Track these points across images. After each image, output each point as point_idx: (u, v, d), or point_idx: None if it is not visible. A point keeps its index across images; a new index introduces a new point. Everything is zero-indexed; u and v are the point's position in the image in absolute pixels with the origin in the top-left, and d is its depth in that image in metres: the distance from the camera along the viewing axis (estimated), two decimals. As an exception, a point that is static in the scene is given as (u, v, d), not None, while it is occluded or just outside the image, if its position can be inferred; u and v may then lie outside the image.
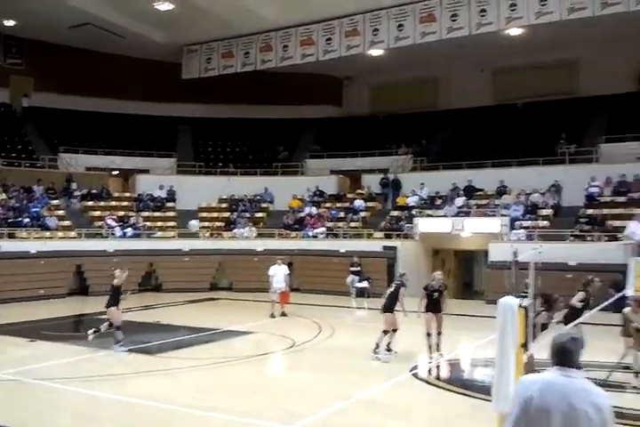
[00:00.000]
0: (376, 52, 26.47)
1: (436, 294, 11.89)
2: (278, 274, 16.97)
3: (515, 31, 24.54)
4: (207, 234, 25.04)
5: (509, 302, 5.82)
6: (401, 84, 31.55)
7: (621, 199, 21.64)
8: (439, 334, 11.83)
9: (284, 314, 16.90)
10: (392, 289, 12.01)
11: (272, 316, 16.70)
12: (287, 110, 31.25)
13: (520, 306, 5.99)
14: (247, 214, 26.51)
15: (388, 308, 11.70)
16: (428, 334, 11.70)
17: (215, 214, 26.92)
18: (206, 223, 25.91)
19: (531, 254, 8.21)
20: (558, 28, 22.30)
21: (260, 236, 24.83)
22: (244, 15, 24.91)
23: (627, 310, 10.42)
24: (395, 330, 11.67)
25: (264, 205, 27.68)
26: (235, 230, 25.17)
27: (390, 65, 29.03)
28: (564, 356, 3.48)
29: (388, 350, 11.74)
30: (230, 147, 31.84)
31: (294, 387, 9.85)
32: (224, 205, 27.54)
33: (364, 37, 24.83)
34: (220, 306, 20.17)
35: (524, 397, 3.50)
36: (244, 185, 28.08)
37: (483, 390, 8.13)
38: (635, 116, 25.54)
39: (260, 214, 26.99)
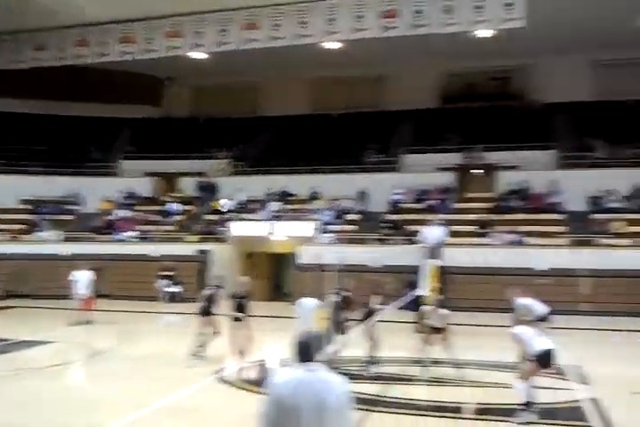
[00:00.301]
0: (198, 54, 26.32)
1: (241, 300, 11.41)
2: (81, 280, 16.26)
3: (332, 44, 25.63)
4: (6, 237, 23.34)
5: (308, 301, 6.10)
6: (222, 88, 31.70)
7: (420, 206, 23.42)
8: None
9: (88, 322, 16.20)
10: (209, 292, 11.90)
11: (74, 323, 15.92)
12: (103, 109, 30.04)
13: (320, 306, 6.28)
14: (52, 217, 25.04)
15: (206, 311, 11.62)
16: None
17: (15, 217, 25.14)
18: (4, 226, 24.10)
19: (334, 257, 8.67)
20: (371, 43, 23.60)
21: (67, 240, 23.59)
22: (60, 6, 23.54)
23: (426, 307, 11.13)
24: (216, 333, 11.62)
25: (72, 207, 26.31)
26: (37, 234, 23.70)
27: (213, 68, 28.96)
28: (305, 352, 3.72)
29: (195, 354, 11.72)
30: (35, 145, 29.82)
31: (91, 398, 9.46)
32: (27, 207, 25.82)
33: (185, 39, 24.53)
34: (15, 315, 18.88)
35: (275, 396, 3.64)
36: (51, 186, 26.51)
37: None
38: (435, 129, 27.88)
39: (67, 217, 25.62)
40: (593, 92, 27.99)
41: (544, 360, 8.00)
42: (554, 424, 8.02)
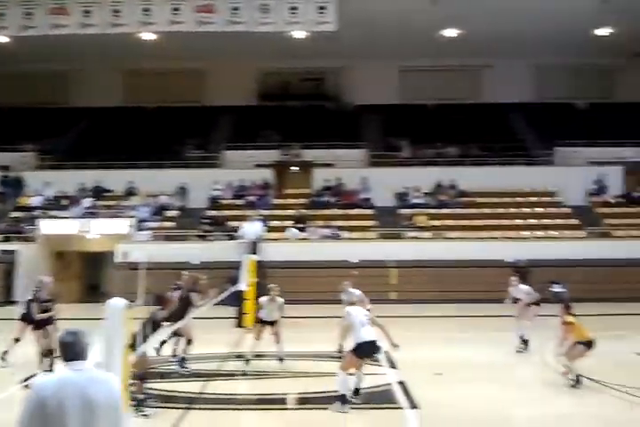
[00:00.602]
0: (2, 38, 24.32)
1: (44, 303, 10.36)
2: None
3: (148, 35, 24.94)
4: None
5: (117, 302, 5.97)
6: (29, 76, 29.50)
7: (240, 202, 23.69)
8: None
9: None
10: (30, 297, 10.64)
11: None
12: None
13: (129, 306, 6.17)
14: None
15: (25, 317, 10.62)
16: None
17: None
18: None
19: (143, 255, 8.53)
20: (188, 37, 23.34)
21: None
22: None
23: (263, 299, 11.21)
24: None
25: None
26: None
27: (17, 54, 26.85)
28: (69, 351, 3.59)
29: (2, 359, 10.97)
30: None
31: None
32: None
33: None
34: None
35: (35, 401, 3.42)
36: None
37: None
38: (253, 126, 28.28)
39: None
40: (399, 95, 30.05)
41: (364, 351, 8.36)
42: (368, 408, 8.59)
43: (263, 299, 11.25)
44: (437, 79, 29.79)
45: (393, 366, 10.89)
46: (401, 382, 9.61)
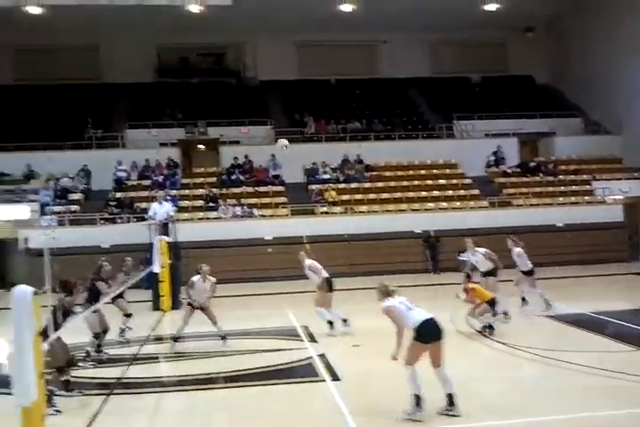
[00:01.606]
0: None
1: None
2: None
3: (34, 9, 23.66)
4: None
5: (23, 290, 5.83)
6: None
7: (147, 183, 23.21)
8: None
9: None
10: None
11: None
12: None
13: (35, 293, 6.03)
14: None
15: None
16: None
17: None
18: None
19: (44, 240, 8.24)
20: (80, 11, 22.38)
21: None
22: None
23: (195, 278, 11.09)
24: None
25: None
26: None
27: None
28: None
29: None
30: None
31: None
32: None
33: None
34: None
35: None
36: None
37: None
38: (154, 104, 27.58)
39: None
40: (299, 71, 30.12)
41: (428, 333, 6.96)
42: (289, 383, 8.83)
43: (195, 278, 11.16)
44: (336, 54, 30.03)
45: (312, 339, 11.22)
46: (321, 356, 9.92)
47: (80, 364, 9.69)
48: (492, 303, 10.97)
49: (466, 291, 11.29)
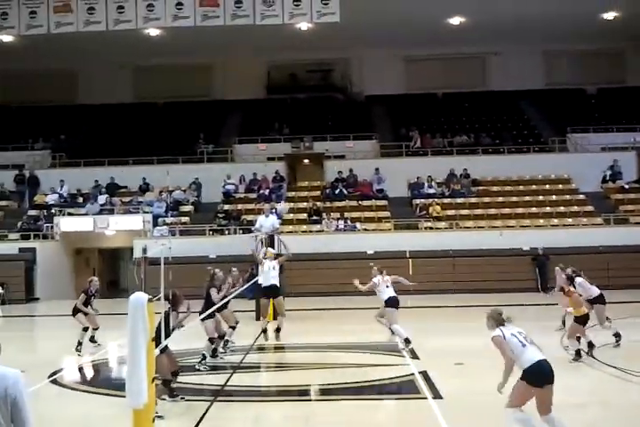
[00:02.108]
0: (6, 37, 24.44)
1: (93, 298, 12.69)
2: None
3: (154, 31, 24.99)
4: None
5: (139, 297, 6.01)
6: (38, 74, 29.63)
7: (253, 196, 23.78)
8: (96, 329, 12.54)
9: None
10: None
11: None
12: None
13: (150, 300, 6.21)
14: None
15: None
16: (85, 329, 12.14)
17: None
18: None
19: (159, 250, 8.56)
20: (195, 32, 23.35)
21: None
22: None
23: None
24: None
25: None
26: None
27: (24, 52, 26.97)
28: None
29: None
30: None
31: None
32: None
33: (-11, 20, 22.67)
34: None
35: None
36: None
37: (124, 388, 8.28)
38: (263, 119, 28.31)
39: None
40: (406, 85, 29.99)
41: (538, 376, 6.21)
42: (390, 399, 8.68)
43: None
44: (444, 68, 29.69)
45: (414, 356, 10.98)
46: (423, 373, 9.68)
47: (196, 366, 10.04)
48: (582, 321, 10.21)
49: (564, 292, 10.58)
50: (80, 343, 11.77)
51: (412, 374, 9.68)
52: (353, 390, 8.94)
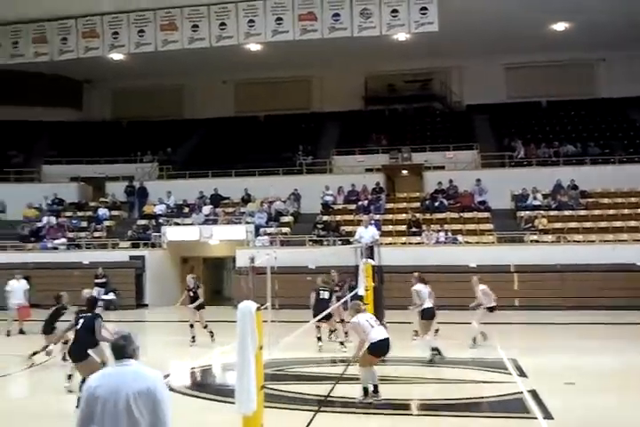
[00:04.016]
0: (117, 55, 25.80)
1: (192, 292, 14.23)
2: (17, 289, 15.85)
3: (254, 46, 25.66)
4: None
5: (248, 306, 6.11)
6: (145, 91, 31.20)
7: (352, 207, 23.82)
8: (205, 327, 13.87)
9: (22, 332, 15.74)
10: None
11: (8, 334, 15.49)
12: (22, 112, 29.04)
13: (258, 309, 6.29)
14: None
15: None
16: (191, 326, 13.56)
17: None
18: None
19: (266, 259, 8.73)
20: (294, 46, 23.77)
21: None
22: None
23: None
24: None
25: (-5, 214, 25.36)
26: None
27: (134, 70, 28.49)
28: (120, 352, 4.01)
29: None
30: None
31: (33, 410, 9.19)
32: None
33: (103, 40, 23.97)
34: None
35: (86, 392, 3.92)
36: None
37: (232, 394, 8.44)
38: (361, 131, 28.38)
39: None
40: (507, 93, 29.26)
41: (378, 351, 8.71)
42: (498, 417, 8.39)
43: None
44: (548, 75, 28.73)
45: (522, 374, 10.57)
46: (532, 391, 9.29)
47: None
48: None
49: None
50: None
51: (521, 392, 9.32)
52: (457, 407, 8.70)
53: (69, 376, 9.59)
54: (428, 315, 11.91)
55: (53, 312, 11.85)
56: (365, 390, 8.67)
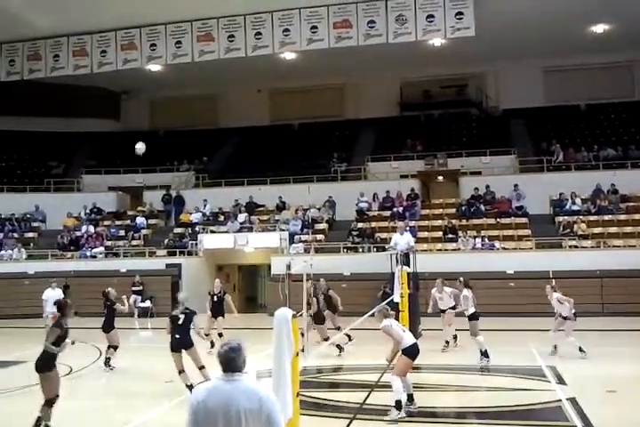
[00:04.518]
0: (155, 67, 26.23)
1: (216, 297, 13.65)
2: (52, 298, 16.09)
3: (289, 55, 25.80)
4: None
5: (284, 313, 6.10)
6: (181, 101, 31.62)
7: (387, 213, 23.69)
8: (220, 335, 13.26)
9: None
10: (182, 319, 10.24)
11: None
12: (61, 123, 29.75)
13: (294, 316, 6.28)
14: (15, 235, 24.58)
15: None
16: (206, 335, 12.46)
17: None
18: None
19: (302, 267, 8.72)
20: (328, 53, 23.84)
21: (31, 257, 23.17)
22: (9, 19, 23.18)
23: None
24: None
25: (35, 224, 25.87)
26: (1, 252, 23.22)
27: (170, 81, 28.92)
28: (229, 364, 3.87)
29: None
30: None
31: (70, 416, 9.32)
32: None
33: (141, 52, 24.41)
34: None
35: (193, 405, 3.82)
36: (12, 203, 26.05)
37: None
38: (396, 137, 28.23)
39: (30, 234, 25.18)
40: (545, 97, 28.85)
41: (413, 354, 8.55)
42: (537, 425, 8.21)
43: None
44: (586, 78, 28.26)
45: (561, 381, 10.33)
46: (571, 399, 9.07)
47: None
48: None
49: None
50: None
51: (560, 400, 9.11)
52: (493, 415, 8.54)
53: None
54: (474, 318, 12.09)
55: (108, 311, 12.01)
56: (399, 403, 8.26)
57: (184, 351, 10.03)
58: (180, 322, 10.10)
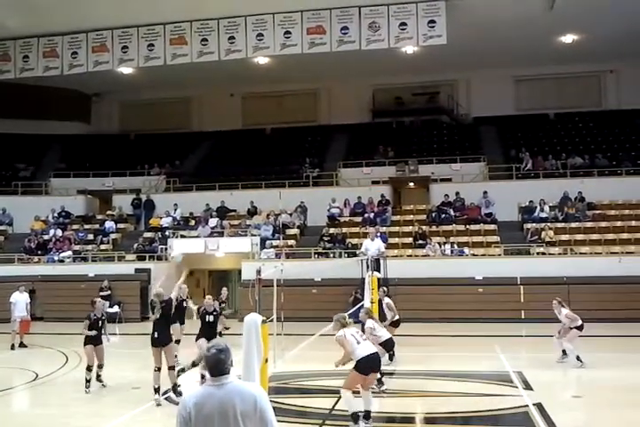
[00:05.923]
0: (126, 69, 26.00)
1: (209, 316, 11.48)
2: (20, 302, 15.85)
3: (262, 60, 25.80)
4: None
5: (254, 318, 6.09)
6: (153, 104, 31.42)
7: (358, 219, 23.76)
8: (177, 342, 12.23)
9: (22, 345, 15.73)
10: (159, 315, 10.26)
11: (12, 347, 15.47)
12: (30, 125, 29.28)
13: (263, 322, 6.27)
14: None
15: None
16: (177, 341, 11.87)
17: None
18: None
19: (272, 272, 8.72)
20: (301, 59, 23.88)
21: (-2, 261, 22.77)
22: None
23: None
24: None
25: (1, 227, 25.45)
26: (-34, 256, 22.77)
27: (142, 83, 28.70)
28: (216, 367, 3.80)
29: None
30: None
31: (38, 423, 9.19)
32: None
33: (112, 54, 24.19)
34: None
35: (183, 414, 3.76)
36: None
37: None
38: (368, 143, 28.36)
39: (-4, 237, 24.75)
40: (515, 105, 29.30)
41: (364, 368, 8.04)
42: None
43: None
44: (555, 87, 28.77)
45: (527, 387, 10.46)
46: (537, 404, 9.19)
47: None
48: None
49: None
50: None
51: (526, 405, 9.22)
52: (460, 420, 8.61)
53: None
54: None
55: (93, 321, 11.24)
56: (353, 416, 7.97)
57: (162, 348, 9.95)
58: (158, 317, 10.16)
